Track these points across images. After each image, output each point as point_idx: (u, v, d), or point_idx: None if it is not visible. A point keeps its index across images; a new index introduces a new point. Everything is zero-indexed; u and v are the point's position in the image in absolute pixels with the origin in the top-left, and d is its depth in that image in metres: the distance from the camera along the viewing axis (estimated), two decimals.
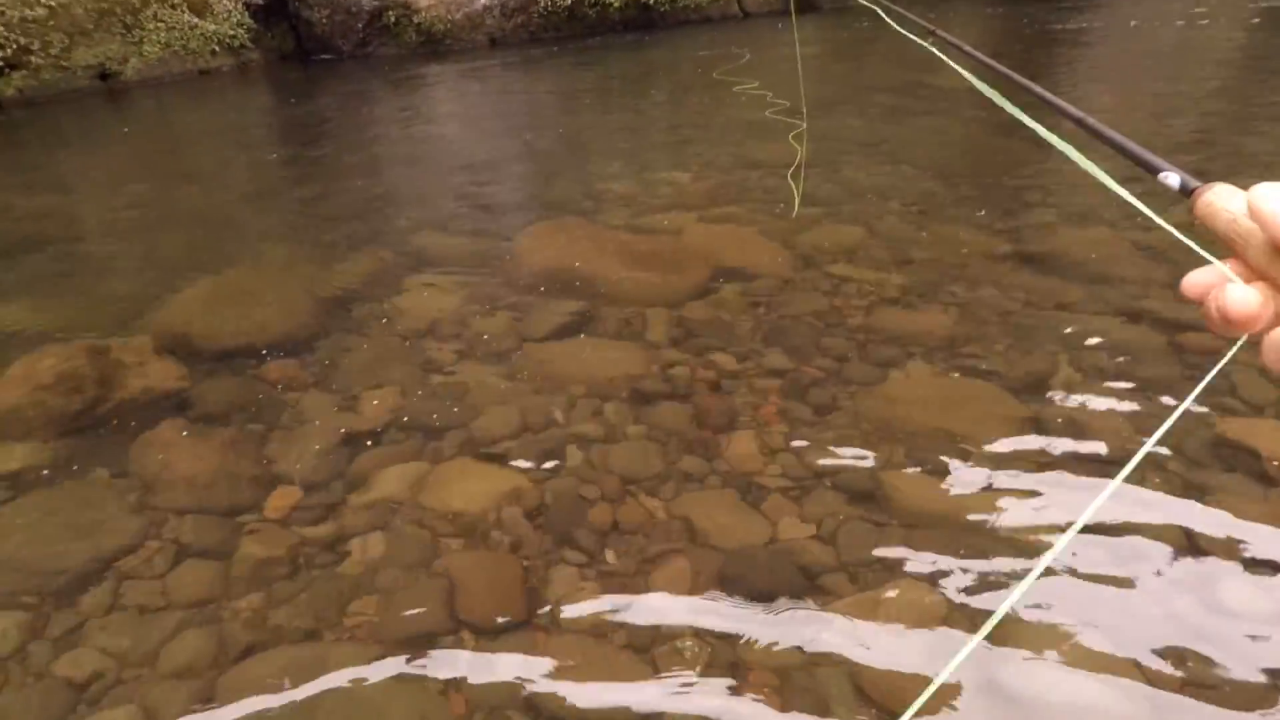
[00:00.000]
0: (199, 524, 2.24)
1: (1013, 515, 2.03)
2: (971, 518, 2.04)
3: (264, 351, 3.12)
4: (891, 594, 1.82)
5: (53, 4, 9.55)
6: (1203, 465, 2.13)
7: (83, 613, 1.96)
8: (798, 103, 4.97)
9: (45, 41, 9.51)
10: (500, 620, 1.86)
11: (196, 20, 10.83)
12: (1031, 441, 2.30)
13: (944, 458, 2.24)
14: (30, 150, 7.51)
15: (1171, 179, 0.55)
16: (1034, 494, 2.10)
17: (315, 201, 5.39)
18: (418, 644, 1.82)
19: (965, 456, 2.25)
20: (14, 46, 9.22)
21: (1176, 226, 0.55)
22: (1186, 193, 0.52)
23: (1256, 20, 9.85)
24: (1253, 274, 0.45)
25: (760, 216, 4.15)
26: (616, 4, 13.17)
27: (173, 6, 10.62)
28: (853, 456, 2.30)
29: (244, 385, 2.93)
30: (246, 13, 11.41)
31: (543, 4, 13.04)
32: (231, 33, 11.14)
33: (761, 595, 1.86)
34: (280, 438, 2.61)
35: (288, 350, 3.14)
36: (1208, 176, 0.50)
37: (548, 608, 1.89)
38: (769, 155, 4.94)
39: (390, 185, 5.70)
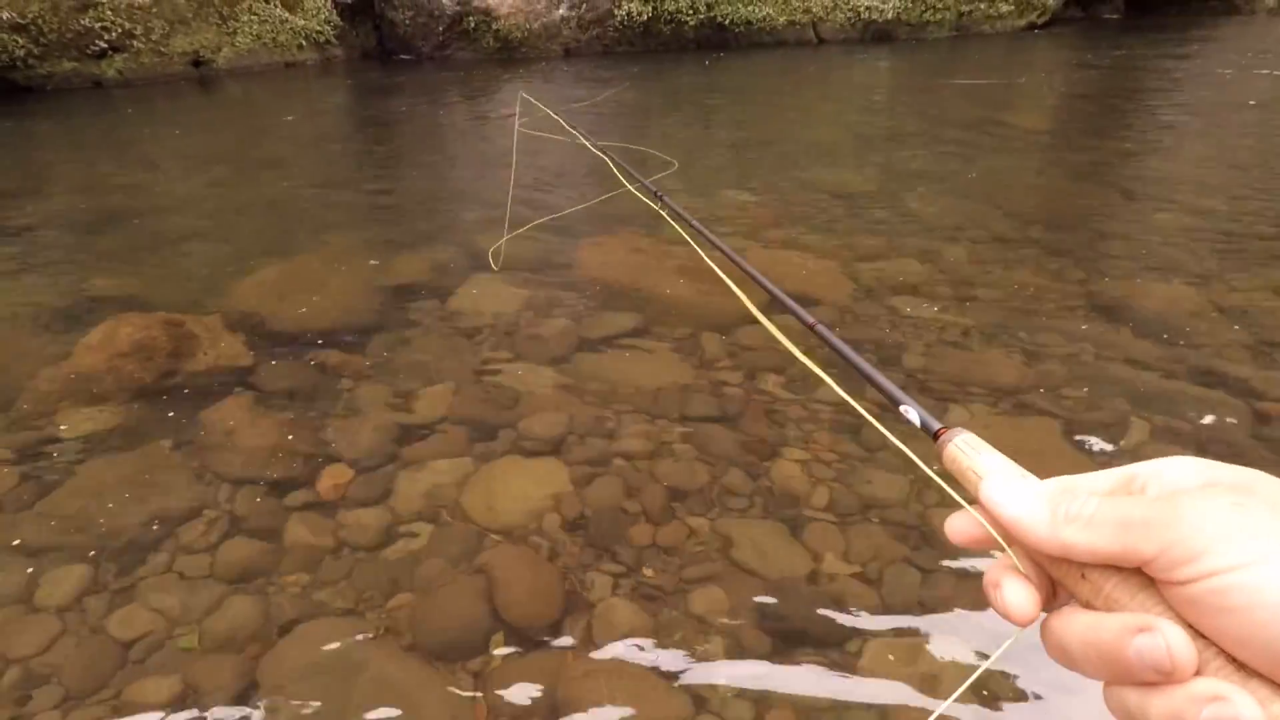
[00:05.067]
0: (255, 496, 2.31)
1: None
2: None
3: (324, 338, 3.21)
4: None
5: None
6: None
7: (138, 573, 2.04)
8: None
9: (147, 27, 10.03)
10: (535, 626, 1.87)
11: (287, 15, 11.29)
12: None
13: None
14: (126, 128, 7.90)
15: (911, 414, 0.53)
16: None
17: (382, 196, 5.55)
18: (453, 640, 1.84)
19: None
20: (118, 30, 9.74)
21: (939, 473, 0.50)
22: (929, 432, 0.50)
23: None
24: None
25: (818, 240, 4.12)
26: (691, 22, 13.31)
27: (266, 1, 11.10)
28: (900, 498, 2.25)
29: (304, 368, 3.02)
30: (334, 10, 11.85)
31: (619, 18, 13.25)
32: (319, 29, 11.59)
33: (795, 634, 1.82)
34: (336, 423, 2.68)
35: (347, 339, 3.23)
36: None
37: (583, 618, 1.89)
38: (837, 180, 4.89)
39: (457, 185, 5.83)
